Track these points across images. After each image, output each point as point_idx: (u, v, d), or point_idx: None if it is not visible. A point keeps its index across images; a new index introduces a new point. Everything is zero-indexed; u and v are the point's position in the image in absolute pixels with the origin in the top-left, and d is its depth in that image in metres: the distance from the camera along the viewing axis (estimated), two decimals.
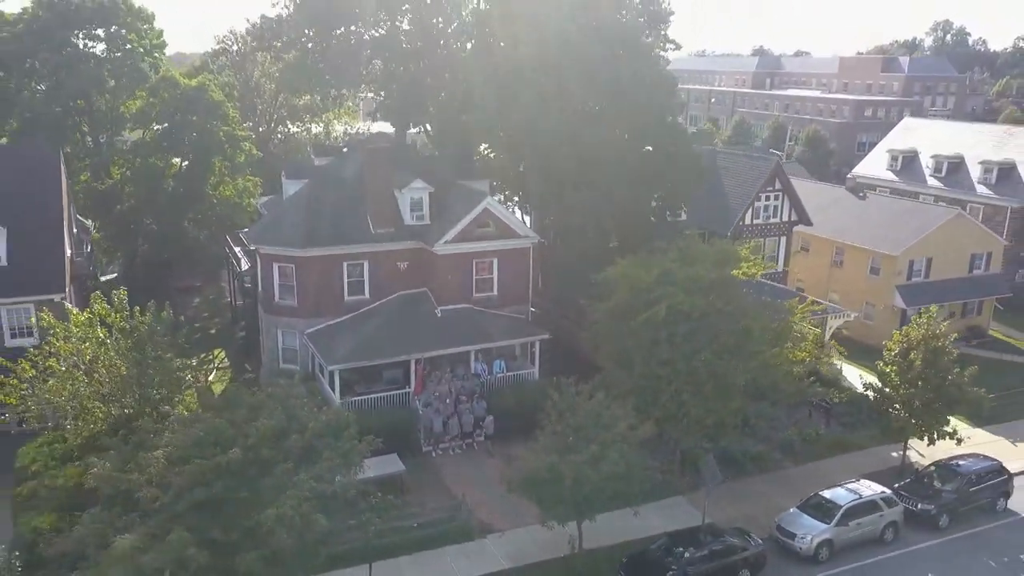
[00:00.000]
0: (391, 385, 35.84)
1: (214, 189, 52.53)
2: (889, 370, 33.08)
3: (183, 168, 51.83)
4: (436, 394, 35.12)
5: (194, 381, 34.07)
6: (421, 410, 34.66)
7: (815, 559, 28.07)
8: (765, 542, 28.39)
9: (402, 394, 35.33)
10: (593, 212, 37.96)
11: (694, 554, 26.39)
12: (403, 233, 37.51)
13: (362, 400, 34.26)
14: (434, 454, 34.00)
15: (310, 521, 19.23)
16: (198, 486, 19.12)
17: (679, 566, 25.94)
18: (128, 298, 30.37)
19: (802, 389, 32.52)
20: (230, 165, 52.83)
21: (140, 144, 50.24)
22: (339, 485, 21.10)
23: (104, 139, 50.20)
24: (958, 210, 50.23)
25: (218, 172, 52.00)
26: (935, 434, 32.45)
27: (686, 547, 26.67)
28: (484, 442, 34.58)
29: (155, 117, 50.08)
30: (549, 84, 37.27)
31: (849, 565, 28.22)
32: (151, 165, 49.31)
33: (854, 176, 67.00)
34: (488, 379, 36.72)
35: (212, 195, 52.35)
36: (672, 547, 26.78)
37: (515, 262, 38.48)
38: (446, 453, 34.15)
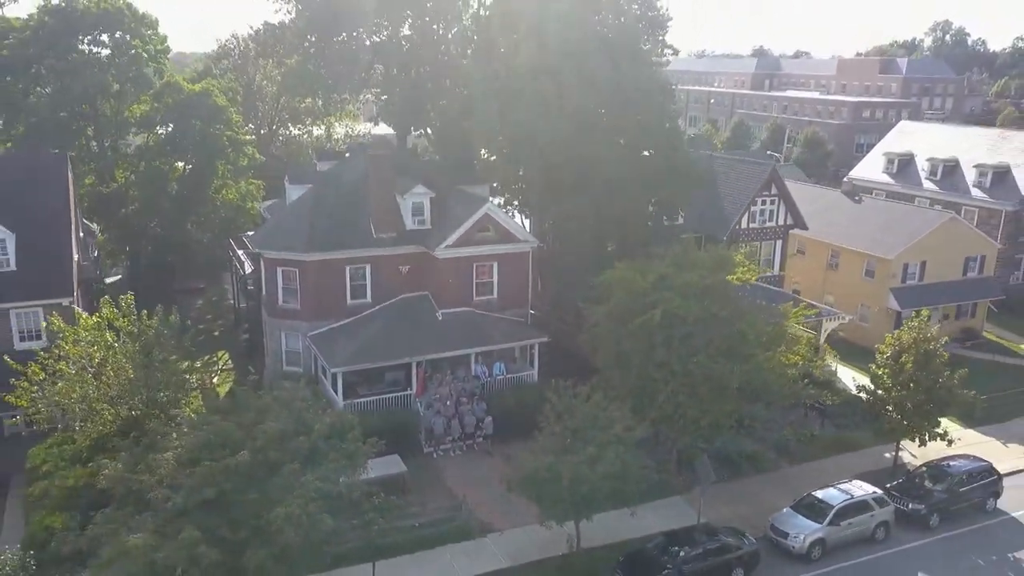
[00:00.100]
0: (393, 387, 36.55)
1: (217, 192, 53.16)
2: (881, 372, 33.75)
3: (187, 172, 52.44)
4: (437, 396, 35.76)
5: (199, 383, 34.78)
6: (422, 412, 35.32)
7: (807, 558, 28.72)
8: (759, 541, 29.05)
9: (404, 396, 36.02)
10: (591, 217, 38.63)
11: (689, 553, 27.03)
12: (405, 238, 38.15)
13: (364, 402, 34.94)
14: (435, 455, 34.64)
15: (316, 521, 19.90)
16: (208, 487, 19.77)
17: (674, 565, 26.59)
18: (127, 295, 31.04)
19: (796, 391, 33.13)
20: (233, 169, 53.45)
21: (144, 148, 50.87)
22: (344, 486, 21.77)
23: (108, 143, 50.77)
24: (952, 214, 50.90)
25: (221, 176, 52.61)
26: (926, 435, 33.09)
27: (681, 546, 27.33)
28: (484, 442, 35.23)
29: (159, 122, 50.72)
30: (549, 91, 37.85)
31: (841, 564, 28.86)
32: (155, 169, 49.93)
33: (850, 179, 67.61)
34: (488, 381, 37.38)
35: (215, 198, 52.99)
36: (668, 546, 27.44)
37: (515, 266, 39.13)
38: (447, 454, 34.79)
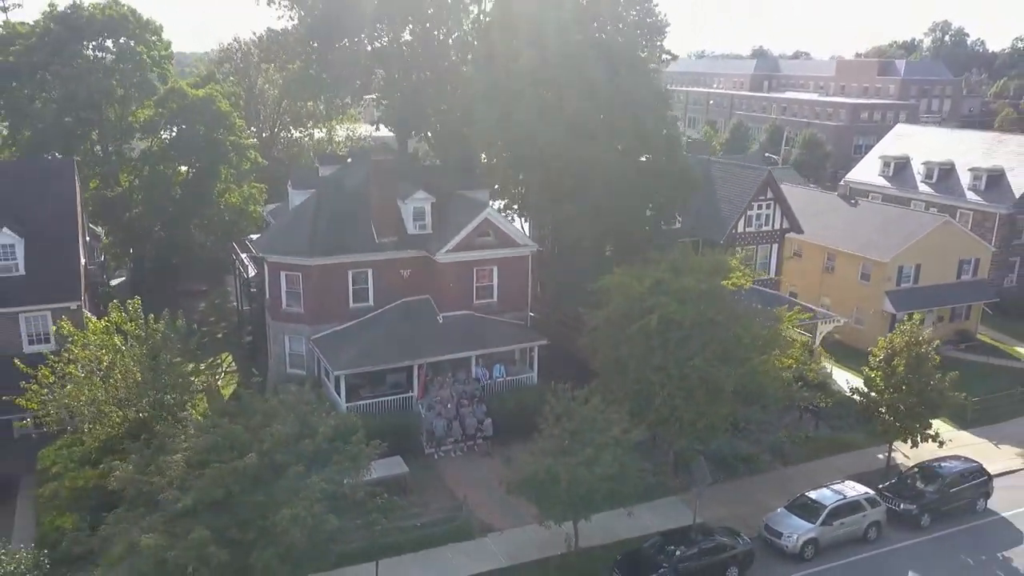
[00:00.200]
0: (395, 389, 37.18)
1: (220, 196, 53.74)
2: (874, 375, 34.37)
3: (190, 176, 53.03)
4: (438, 398, 36.40)
5: (205, 386, 35.43)
6: (424, 414, 35.95)
7: (801, 557, 29.37)
8: (754, 541, 29.68)
9: (405, 398, 36.64)
10: (590, 221, 39.24)
11: (685, 552, 27.67)
12: (406, 242, 38.78)
13: (367, 404, 35.57)
14: (436, 456, 35.26)
15: (321, 521, 20.55)
16: (216, 488, 20.40)
17: (670, 564, 27.24)
18: (134, 299, 31.70)
19: (790, 394, 33.77)
20: (236, 173, 54.04)
21: (148, 153, 51.45)
22: (348, 487, 22.41)
23: (113, 148, 51.35)
24: (946, 217, 51.46)
25: (224, 179, 53.19)
26: (918, 437, 33.71)
27: (677, 546, 27.99)
28: (484, 444, 35.84)
29: (163, 127, 51.33)
30: (548, 98, 38.49)
31: (833, 563, 29.50)
32: (159, 173, 50.52)
33: (847, 182, 68.28)
34: (488, 383, 38.00)
35: (218, 202, 53.57)
36: (664, 545, 28.10)
37: (514, 270, 39.74)
38: (448, 455, 35.41)
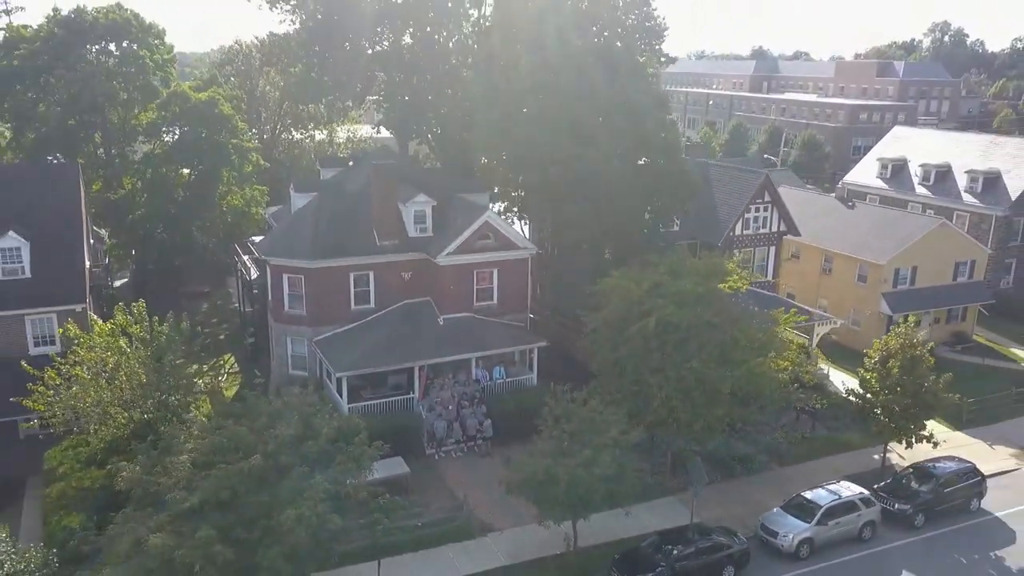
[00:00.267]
0: (396, 390, 37.63)
1: (222, 198, 54.16)
2: (869, 377, 34.80)
3: (192, 178, 53.45)
4: (439, 399, 36.84)
5: (208, 387, 35.88)
6: (424, 415, 36.39)
7: (796, 556, 29.80)
8: (750, 540, 30.12)
9: (406, 399, 37.08)
10: (589, 224, 39.70)
11: (682, 551, 28.12)
12: (407, 245, 39.21)
13: (368, 405, 36.01)
14: (437, 457, 35.70)
15: (325, 520, 20.99)
16: (222, 489, 20.84)
17: (668, 563, 27.68)
18: (139, 303, 32.15)
19: (786, 395, 34.22)
20: (238, 175, 54.48)
21: (151, 156, 51.88)
22: (351, 487, 22.86)
23: (116, 151, 51.80)
24: (942, 219, 51.84)
25: (226, 182, 53.63)
26: (913, 438, 34.13)
27: (675, 545, 28.42)
28: (484, 444, 36.28)
29: (166, 130, 51.79)
30: (547, 103, 38.91)
31: (828, 562, 29.94)
32: (162, 176, 50.94)
33: (845, 184, 68.70)
34: (488, 385, 38.43)
35: (220, 204, 53.98)
36: (662, 545, 28.54)
37: (514, 272, 40.18)
38: (448, 456, 35.85)
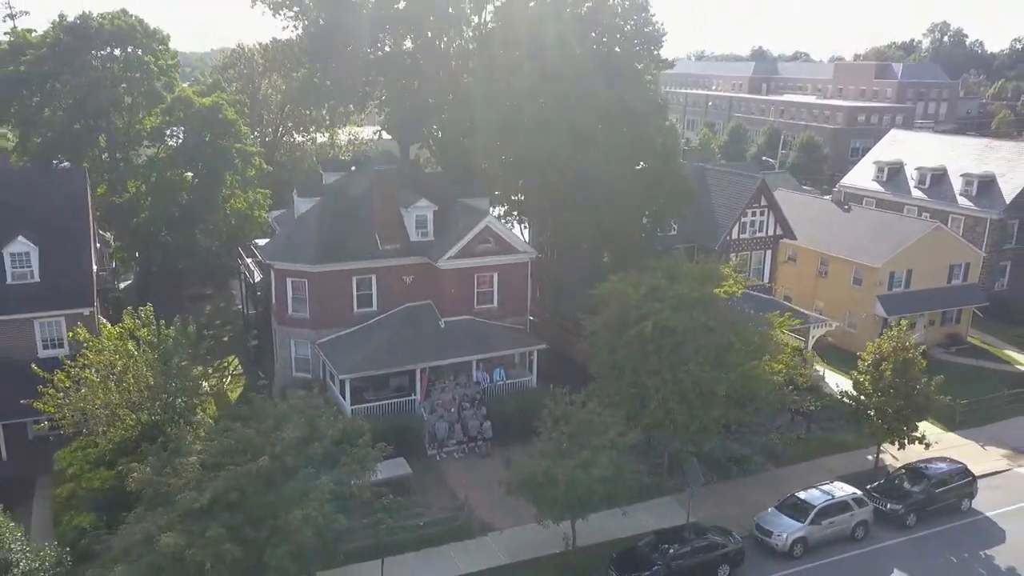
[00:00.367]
0: (398, 392, 38.29)
1: (225, 202, 54.73)
2: (863, 379, 35.45)
3: (196, 182, 54.01)
4: (440, 401, 37.49)
5: (214, 389, 36.53)
6: (426, 416, 37.03)
7: (790, 555, 30.48)
8: (745, 540, 30.78)
9: (408, 401, 37.73)
10: (588, 228, 40.39)
11: (678, 550, 28.79)
12: (409, 249, 39.86)
13: (371, 407, 36.67)
14: (438, 458, 36.34)
15: (331, 520, 21.66)
16: (232, 489, 21.49)
17: (664, 561, 28.35)
18: (142, 304, 32.79)
19: (781, 397, 34.87)
20: (241, 179, 55.04)
21: (155, 160, 52.44)
22: (355, 487, 23.51)
23: (121, 155, 52.35)
24: (936, 223, 52.50)
25: (229, 186, 54.19)
26: (905, 439, 34.77)
27: (671, 544, 29.10)
28: (484, 445, 36.92)
29: (170, 134, 52.37)
30: (547, 109, 39.56)
31: (821, 561, 30.59)
32: (166, 179, 51.45)
33: (842, 187, 69.34)
34: (489, 387, 39.08)
35: (224, 207, 54.54)
36: (658, 544, 29.21)
37: (514, 276, 40.84)
38: (449, 457, 36.49)
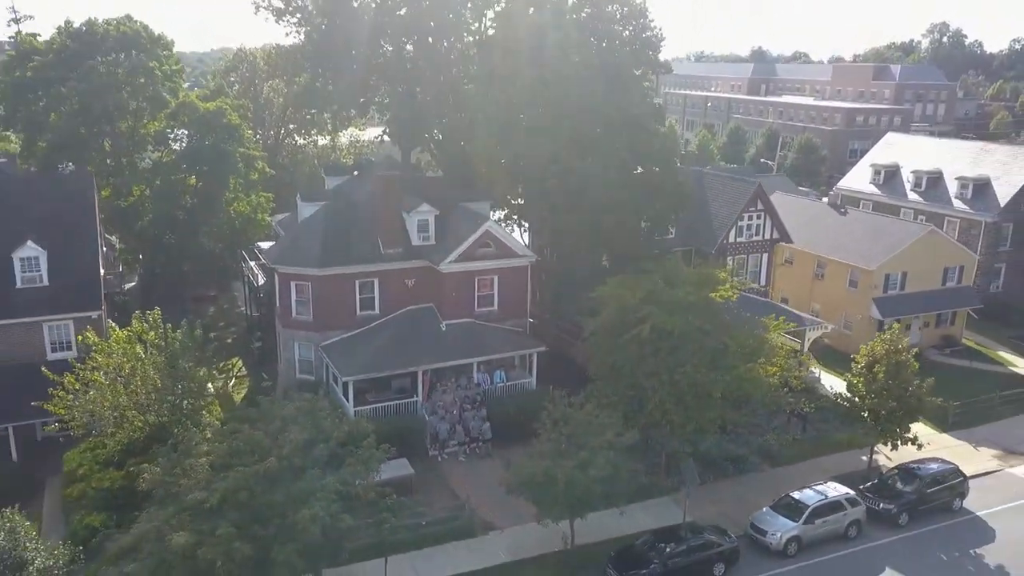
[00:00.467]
0: (400, 394, 38.94)
1: (229, 205, 55.39)
2: (856, 381, 36.12)
3: (199, 186, 54.67)
4: (441, 403, 38.15)
5: (219, 391, 37.17)
6: (428, 417, 37.69)
7: (784, 554, 31.13)
8: (740, 538, 31.43)
9: (410, 402, 38.37)
10: (586, 232, 41.05)
11: (674, 549, 29.45)
12: (410, 253, 40.52)
13: (373, 408, 37.30)
14: (440, 458, 37.00)
15: (337, 520, 22.34)
16: (241, 489, 22.17)
17: (661, 560, 29.01)
18: (147, 306, 33.46)
19: (776, 398, 35.56)
20: (244, 182, 55.73)
21: (160, 164, 53.13)
22: (361, 488, 24.19)
23: (126, 160, 53.02)
24: (931, 227, 53.15)
25: (233, 189, 54.87)
26: (898, 440, 35.41)
27: (668, 543, 29.76)
28: (484, 446, 37.59)
29: (174, 138, 53.09)
30: (545, 115, 40.22)
31: (815, 559, 31.23)
32: (171, 183, 52.12)
33: (839, 189, 70.01)
34: (489, 388, 39.73)
35: (227, 210, 55.20)
36: (655, 542, 29.89)
37: (514, 279, 41.48)
38: (451, 457, 37.14)
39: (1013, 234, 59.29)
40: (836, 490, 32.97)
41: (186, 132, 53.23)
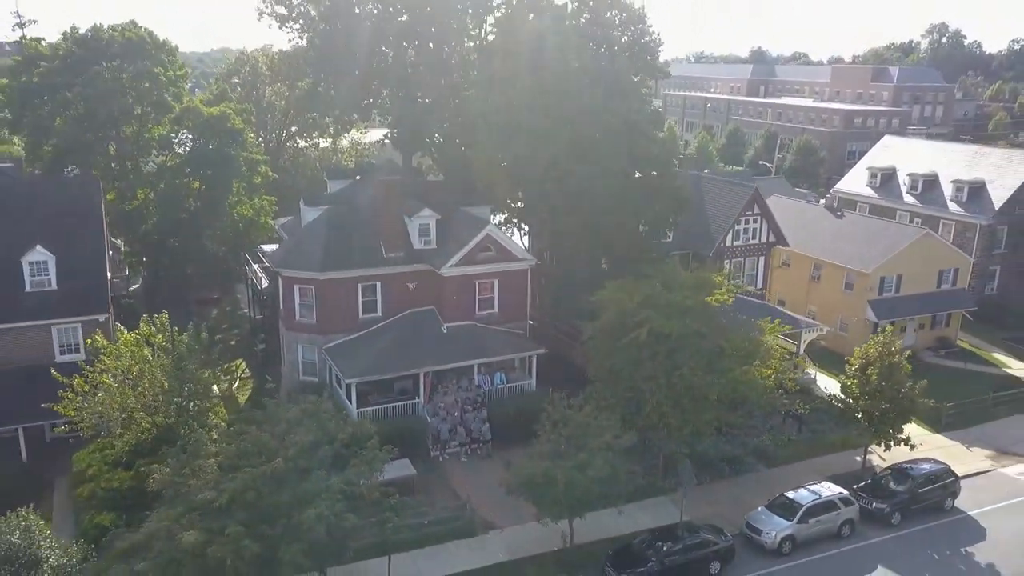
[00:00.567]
0: (402, 395, 39.59)
1: (232, 208, 56.02)
2: (850, 383, 36.76)
3: (203, 189, 55.29)
4: (443, 404, 38.79)
5: (225, 393, 37.80)
6: (429, 418, 38.33)
7: (779, 552, 31.80)
8: (736, 537, 32.07)
9: (412, 404, 39.01)
10: (585, 235, 41.67)
11: (671, 548, 30.12)
12: (412, 257, 41.15)
13: (376, 410, 37.91)
14: (441, 459, 37.62)
15: (342, 519, 23.00)
16: (248, 490, 22.82)
17: (658, 558, 29.67)
18: (151, 309, 34.03)
19: (771, 400, 36.20)
20: (247, 186, 56.37)
21: (164, 168, 53.76)
22: (365, 488, 24.84)
23: (131, 164, 53.62)
24: (926, 230, 53.80)
25: (236, 193, 55.50)
26: (891, 440, 36.05)
27: (665, 542, 30.44)
28: (484, 447, 38.22)
29: (178, 142, 53.72)
30: (545, 121, 40.80)
31: (809, 557, 31.91)
32: (175, 187, 52.75)
33: (835, 192, 70.64)
34: (489, 390, 40.35)
35: (232, 212, 55.83)
36: (652, 541, 30.56)
37: (514, 282, 42.12)
38: (452, 458, 37.76)
39: (1008, 237, 59.94)
40: (830, 490, 33.63)
41: (190, 136, 53.89)
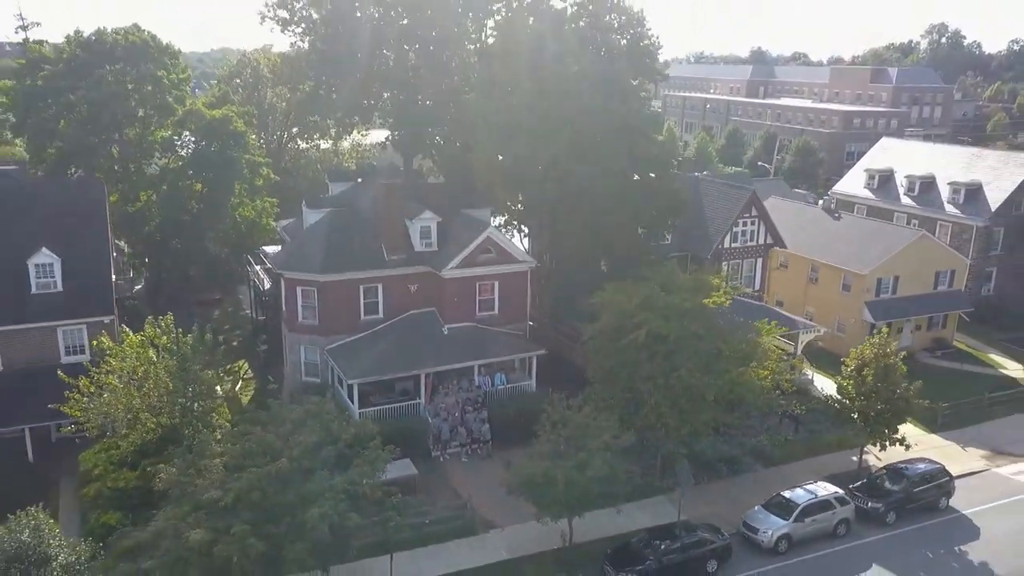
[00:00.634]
0: (403, 396, 40.04)
1: (234, 210, 56.45)
2: (846, 384, 37.20)
3: (205, 191, 55.71)
4: (443, 405, 39.22)
5: (228, 394, 38.22)
6: (430, 419, 38.76)
7: (775, 551, 32.24)
8: (733, 536, 32.52)
9: (413, 404, 39.45)
10: (585, 237, 42.10)
11: (669, 546, 30.57)
12: (413, 259, 41.57)
13: (377, 410, 38.36)
14: (442, 459, 38.06)
15: (345, 518, 23.44)
16: (253, 489, 23.26)
17: (656, 557, 30.10)
18: (154, 310, 34.42)
19: (768, 401, 36.64)
20: (249, 188, 56.80)
21: (167, 170, 54.18)
22: (367, 487, 25.28)
23: (134, 166, 54.03)
24: (923, 232, 54.21)
25: (238, 194, 55.93)
26: (887, 441, 36.48)
27: (662, 540, 30.89)
28: (484, 447, 38.66)
29: (182, 146, 54.15)
30: (545, 123, 41.25)
31: (805, 556, 32.34)
32: (178, 188, 53.19)
33: (833, 194, 71.10)
34: (490, 391, 40.78)
35: (234, 214, 56.26)
36: (650, 540, 31.01)
37: (514, 284, 42.55)
38: (453, 458, 38.19)
39: (1004, 238, 60.31)
40: (826, 489, 34.07)
41: (192, 139, 54.32)
